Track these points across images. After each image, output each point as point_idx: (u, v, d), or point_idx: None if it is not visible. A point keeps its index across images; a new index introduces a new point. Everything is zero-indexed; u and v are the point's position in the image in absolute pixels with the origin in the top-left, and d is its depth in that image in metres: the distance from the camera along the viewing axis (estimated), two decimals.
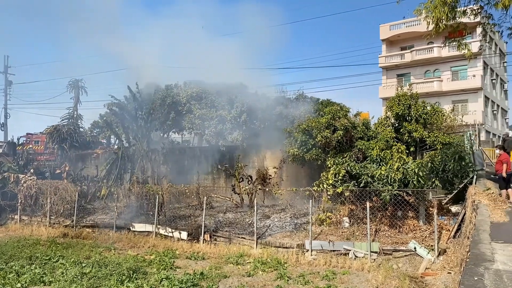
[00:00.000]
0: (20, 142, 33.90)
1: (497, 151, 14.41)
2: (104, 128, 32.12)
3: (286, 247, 14.60)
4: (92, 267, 12.17)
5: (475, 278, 5.89)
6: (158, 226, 17.71)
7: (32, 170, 24.76)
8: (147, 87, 25.75)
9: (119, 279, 11.03)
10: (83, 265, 12.63)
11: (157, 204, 18.00)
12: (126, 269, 11.77)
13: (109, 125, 27.18)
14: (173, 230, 17.24)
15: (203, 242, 16.09)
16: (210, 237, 16.29)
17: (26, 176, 23.04)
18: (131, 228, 18.38)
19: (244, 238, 15.79)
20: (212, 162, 24.87)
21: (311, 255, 13.84)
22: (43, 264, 13.05)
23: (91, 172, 26.65)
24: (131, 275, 11.42)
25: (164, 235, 17.34)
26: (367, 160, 16.55)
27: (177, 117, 25.90)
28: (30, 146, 33.68)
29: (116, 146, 28.02)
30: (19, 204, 22.04)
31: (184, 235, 16.87)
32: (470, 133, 18.48)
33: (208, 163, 25.34)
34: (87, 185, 24.49)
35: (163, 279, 11.16)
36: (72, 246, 16.07)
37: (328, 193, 15.82)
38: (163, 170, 25.64)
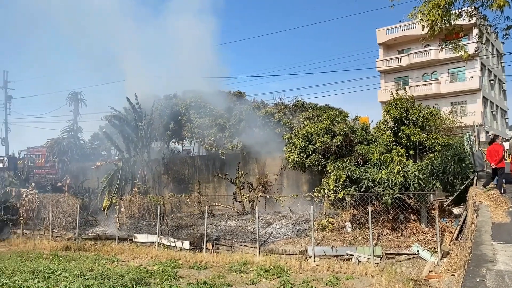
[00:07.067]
0: (21, 156, 33.91)
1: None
2: (104, 140, 32.17)
3: (289, 254, 14.57)
4: (95, 280, 12.12)
5: (477, 280, 5.88)
6: (160, 236, 17.67)
7: (33, 184, 24.81)
8: (146, 98, 25.84)
9: None
10: (86, 277, 12.55)
11: (158, 214, 17.97)
12: (129, 280, 11.75)
13: (109, 136, 27.33)
14: (175, 240, 17.19)
15: (206, 251, 16.07)
16: (213, 245, 16.27)
17: (28, 190, 23.10)
18: (133, 239, 18.35)
19: (246, 246, 15.76)
20: (212, 170, 24.88)
21: (314, 261, 13.81)
22: (46, 277, 12.96)
23: (92, 184, 26.61)
24: (135, 287, 11.40)
25: (166, 245, 17.31)
26: (368, 164, 16.55)
27: (176, 126, 25.96)
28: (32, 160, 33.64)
29: (116, 158, 28.00)
30: (21, 218, 22.08)
31: (186, 244, 16.83)
32: (469, 134, 18.50)
33: (209, 172, 25.35)
34: (89, 197, 24.48)
35: None
36: (75, 258, 16.06)
37: (330, 198, 15.81)
38: (164, 180, 25.64)
